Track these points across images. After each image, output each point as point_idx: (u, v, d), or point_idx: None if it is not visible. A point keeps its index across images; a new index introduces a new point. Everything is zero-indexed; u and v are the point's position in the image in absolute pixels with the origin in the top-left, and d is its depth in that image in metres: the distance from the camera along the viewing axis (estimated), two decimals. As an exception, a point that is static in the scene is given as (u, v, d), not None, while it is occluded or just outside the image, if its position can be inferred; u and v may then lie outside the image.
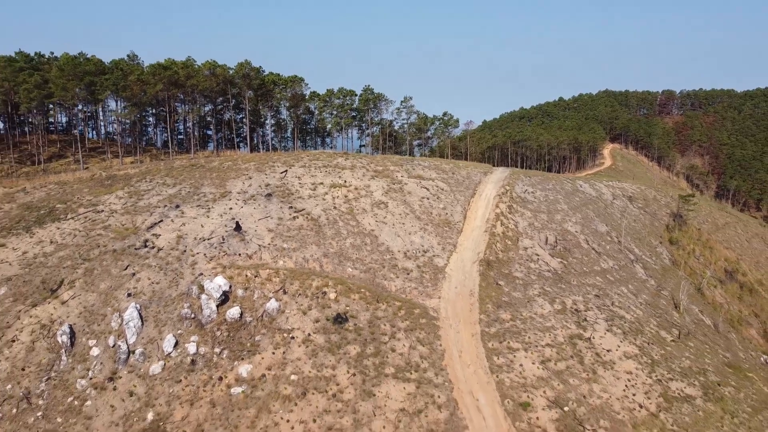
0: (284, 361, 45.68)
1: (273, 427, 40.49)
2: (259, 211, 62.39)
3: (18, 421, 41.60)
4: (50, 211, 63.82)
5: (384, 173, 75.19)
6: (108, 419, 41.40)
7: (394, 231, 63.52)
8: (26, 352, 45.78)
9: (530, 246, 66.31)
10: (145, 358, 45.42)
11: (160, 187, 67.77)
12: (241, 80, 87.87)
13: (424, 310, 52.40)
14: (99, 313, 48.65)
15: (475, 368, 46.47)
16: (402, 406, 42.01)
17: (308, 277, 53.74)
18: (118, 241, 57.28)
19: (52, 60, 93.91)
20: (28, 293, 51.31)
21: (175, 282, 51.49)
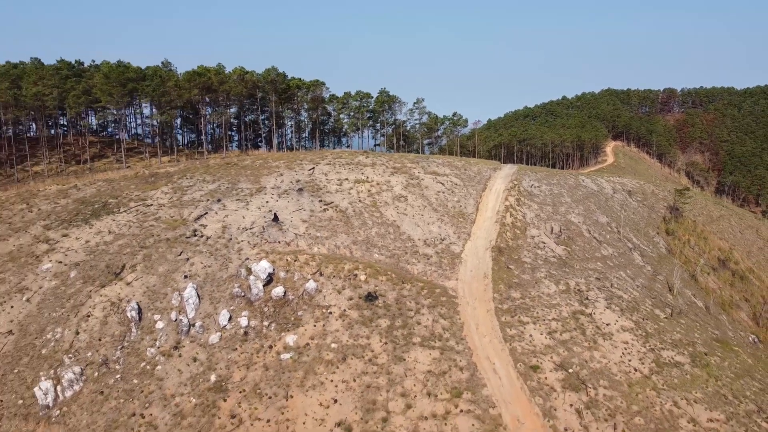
0: (324, 332, 52.51)
1: (319, 385, 47.34)
2: (293, 204, 69.22)
3: (100, 382, 48.56)
4: (104, 206, 70.80)
5: (402, 170, 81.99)
6: (177, 380, 48.31)
7: (414, 221, 70.28)
8: (101, 325, 52.76)
9: (537, 235, 72.96)
10: (204, 330, 52.33)
11: (200, 184, 74.67)
12: (268, 85, 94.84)
13: (444, 290, 59.17)
14: (160, 293, 55.58)
15: (491, 338, 53.22)
16: (429, 369, 48.76)
17: (340, 262, 60.55)
18: (169, 230, 64.21)
19: (92, 68, 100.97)
20: (95, 276, 58.32)
21: (224, 266, 58.39)
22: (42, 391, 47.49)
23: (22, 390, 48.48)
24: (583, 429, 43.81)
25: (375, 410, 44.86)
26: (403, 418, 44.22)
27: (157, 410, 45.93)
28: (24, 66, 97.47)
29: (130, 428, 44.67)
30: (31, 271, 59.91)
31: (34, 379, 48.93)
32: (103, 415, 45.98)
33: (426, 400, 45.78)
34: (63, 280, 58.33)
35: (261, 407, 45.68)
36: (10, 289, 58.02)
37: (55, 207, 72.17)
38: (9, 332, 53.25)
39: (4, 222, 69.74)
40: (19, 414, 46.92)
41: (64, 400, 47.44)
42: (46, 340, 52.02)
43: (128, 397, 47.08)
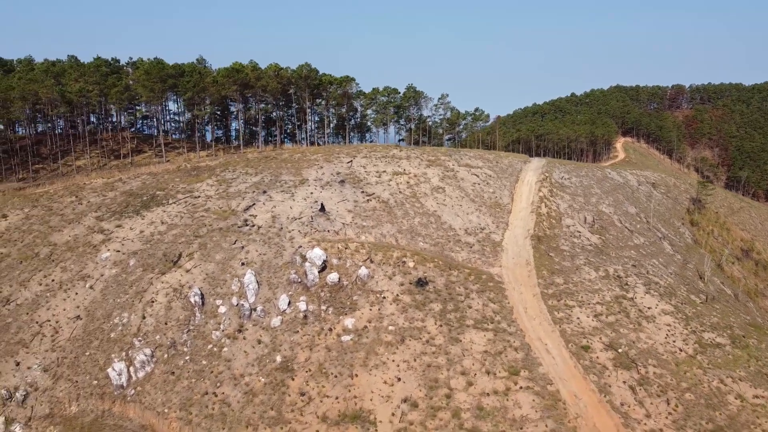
0: (380, 315, 54.62)
1: (382, 365, 49.45)
2: (337, 195, 71.31)
3: (170, 363, 50.71)
4: (152, 198, 72.93)
5: (437, 162, 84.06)
6: (244, 361, 50.45)
7: (454, 212, 72.36)
8: (165, 310, 54.91)
9: (572, 224, 75.03)
10: (265, 314, 54.45)
11: (243, 176, 76.78)
12: (301, 81, 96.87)
13: (490, 276, 61.26)
14: (220, 279, 57.71)
15: (540, 320, 55.30)
16: (485, 349, 50.86)
17: (389, 249, 62.65)
18: (220, 221, 66.33)
19: (129, 65, 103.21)
20: (153, 264, 60.47)
21: (279, 253, 60.50)
22: (116, 371, 49.65)
23: (95, 371, 50.66)
24: (638, 404, 45.86)
25: (438, 387, 46.96)
26: (465, 394, 46.30)
27: (229, 389, 48.06)
28: (62, 63, 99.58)
29: (204, 405, 46.81)
30: (90, 260, 62.09)
31: (106, 361, 51.10)
32: (176, 393, 48.12)
33: (486, 378, 47.86)
34: (123, 268, 60.48)
35: (328, 385, 47.79)
36: (73, 277, 60.21)
37: (104, 199, 74.33)
38: (77, 317, 55.45)
39: (56, 214, 71.95)
40: (95, 393, 49.10)
41: (137, 380, 49.60)
42: (113, 325, 54.19)
43: (199, 377, 49.21)
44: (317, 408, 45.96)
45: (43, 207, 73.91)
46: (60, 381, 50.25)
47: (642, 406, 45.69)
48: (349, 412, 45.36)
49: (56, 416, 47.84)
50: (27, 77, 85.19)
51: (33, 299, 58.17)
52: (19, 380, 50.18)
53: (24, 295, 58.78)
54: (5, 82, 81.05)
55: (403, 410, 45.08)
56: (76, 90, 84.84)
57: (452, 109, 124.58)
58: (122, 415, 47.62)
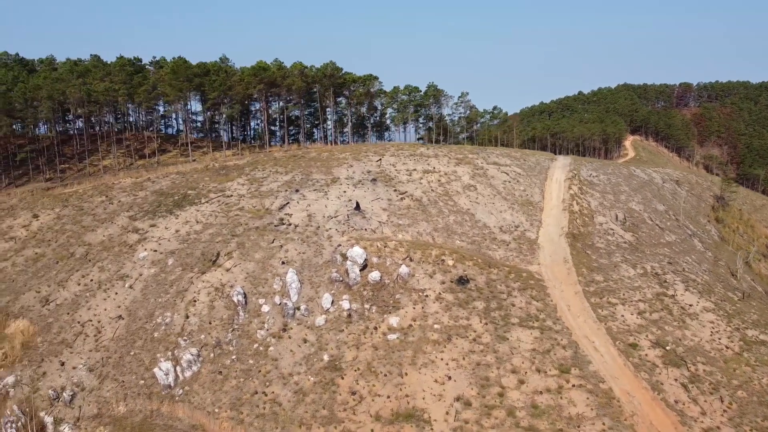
0: (425, 314, 54.33)
1: (431, 363, 49.16)
2: (370, 194, 71.01)
3: (217, 363, 50.44)
4: (184, 197, 72.64)
5: (465, 160, 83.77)
6: (292, 360, 50.17)
7: (487, 209, 72.08)
8: (208, 309, 54.64)
9: (604, 222, 74.75)
10: (309, 313, 54.16)
11: (274, 175, 76.49)
12: (326, 79, 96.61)
13: (530, 274, 60.96)
14: (261, 278, 57.42)
15: (584, 318, 55.02)
16: (533, 347, 50.57)
17: (427, 248, 62.35)
18: (256, 220, 66.04)
19: (153, 64, 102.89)
20: (192, 263, 60.19)
21: (318, 252, 60.21)
22: (162, 371, 49.36)
23: (141, 371, 50.38)
24: (692, 401, 45.59)
25: (489, 386, 46.68)
26: (518, 392, 46.02)
27: (278, 388, 47.78)
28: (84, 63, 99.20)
29: (255, 405, 46.53)
30: (128, 260, 61.84)
31: (151, 361, 50.80)
32: (225, 393, 47.84)
33: (536, 376, 47.58)
34: (162, 267, 60.21)
35: (378, 384, 47.51)
36: (111, 277, 59.97)
37: (135, 199, 74.07)
38: (119, 317, 55.18)
39: (87, 213, 71.74)
40: (142, 393, 48.81)
41: (185, 380, 49.33)
42: (156, 324, 53.91)
43: (247, 377, 48.93)
44: (369, 407, 45.65)
45: (74, 207, 73.68)
46: (106, 381, 49.98)
47: (696, 403, 45.42)
48: (402, 411, 45.08)
49: (105, 416, 47.54)
50: (52, 77, 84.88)
51: (72, 299, 57.94)
52: (65, 380, 49.91)
53: (63, 295, 58.55)
54: (32, 81, 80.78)
55: (456, 409, 44.80)
56: (103, 89, 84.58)
57: (472, 107, 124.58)
58: (171, 414, 47.31)
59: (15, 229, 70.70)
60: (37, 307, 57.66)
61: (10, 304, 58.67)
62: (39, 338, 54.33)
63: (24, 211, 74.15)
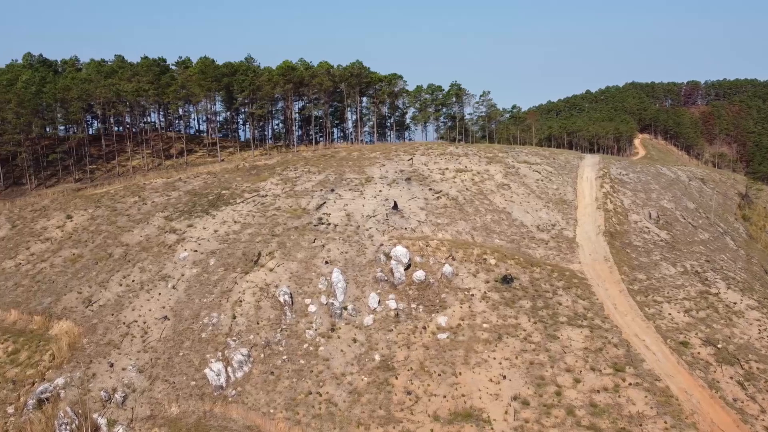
0: (472, 313, 54.12)
1: (483, 363, 48.96)
2: (406, 193, 70.80)
3: (268, 363, 50.19)
4: (218, 197, 72.42)
5: (496, 159, 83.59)
6: (343, 360, 49.93)
7: (523, 208, 71.89)
8: (255, 309, 54.41)
9: (638, 220, 74.57)
10: (356, 313, 53.93)
11: (307, 175, 76.27)
12: (353, 79, 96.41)
13: (572, 273, 60.76)
14: (305, 278, 57.20)
15: (632, 317, 54.82)
16: (584, 346, 50.36)
17: (468, 247, 62.15)
18: (294, 219, 65.83)
19: (178, 64, 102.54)
20: (234, 263, 59.96)
21: (361, 251, 59.99)
22: (214, 372, 49.11)
23: (191, 372, 50.11)
24: (750, 399, 45.39)
25: (545, 385, 46.47)
26: (575, 392, 45.81)
27: (332, 388, 47.54)
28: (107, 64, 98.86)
29: (310, 405, 46.29)
30: (168, 260, 61.61)
31: (201, 362, 50.54)
32: (279, 394, 47.59)
33: (591, 374, 47.37)
34: (204, 267, 59.99)
35: (433, 384, 47.28)
36: (153, 277, 59.73)
37: (168, 199, 73.85)
38: (164, 318, 54.92)
39: (121, 214, 71.53)
40: (194, 394, 48.53)
41: (236, 381, 49.06)
42: (203, 325, 53.67)
43: (299, 377, 48.69)
44: (427, 407, 45.43)
45: (107, 207, 73.47)
46: (156, 382, 49.71)
47: (755, 401, 45.22)
48: (460, 411, 44.85)
49: (158, 418, 47.27)
50: (80, 77, 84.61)
51: (116, 300, 57.71)
52: (116, 381, 49.64)
53: (105, 296, 58.34)
54: (62, 81, 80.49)
55: (515, 408, 44.59)
56: (132, 90, 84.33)
57: (493, 106, 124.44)
58: (225, 415, 47.05)
59: (49, 230, 70.51)
60: (80, 308, 57.42)
61: (52, 305, 58.49)
62: (85, 339, 54.07)
63: (57, 212, 73.93)
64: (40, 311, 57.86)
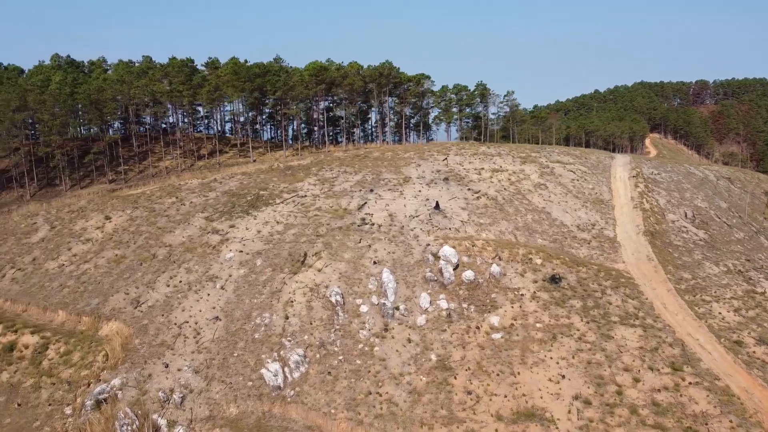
0: (524, 313, 54.19)
1: (541, 362, 49.02)
2: (445, 193, 70.85)
3: (324, 363, 50.23)
4: (257, 197, 72.46)
5: (529, 159, 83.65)
6: (399, 360, 49.99)
7: (561, 208, 71.95)
8: (307, 310, 54.45)
9: (675, 219, 74.64)
10: (408, 313, 54.00)
11: (344, 175, 76.30)
12: (383, 79, 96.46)
13: (619, 272, 60.82)
14: (354, 278, 57.25)
15: (683, 316, 54.88)
16: (639, 345, 50.41)
17: (513, 246, 62.21)
18: (337, 219, 65.87)
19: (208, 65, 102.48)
20: (281, 264, 60.01)
21: (408, 251, 60.05)
22: (271, 372, 49.16)
23: (247, 372, 50.15)
24: (811, 398, 45.39)
25: (605, 384, 46.54)
26: (636, 391, 45.87)
27: (391, 388, 47.60)
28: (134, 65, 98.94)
29: (371, 405, 46.34)
30: (214, 261, 61.66)
31: (257, 362, 50.58)
32: (338, 394, 47.63)
33: (650, 374, 47.42)
34: (251, 268, 60.03)
35: (493, 384, 47.35)
36: (200, 278, 59.79)
37: (206, 200, 73.90)
38: (215, 318, 54.96)
39: (160, 215, 71.59)
40: (252, 395, 48.56)
41: (294, 381, 49.12)
42: (255, 325, 53.71)
43: (357, 377, 48.74)
44: (489, 406, 45.50)
45: (145, 208, 73.53)
46: (213, 382, 49.74)
47: (816, 400, 45.25)
48: (522, 410, 44.93)
49: (217, 418, 47.30)
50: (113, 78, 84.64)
51: (164, 300, 57.75)
52: (172, 382, 49.68)
53: (153, 297, 58.39)
54: (96, 83, 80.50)
55: (577, 407, 44.65)
56: (167, 91, 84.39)
57: (516, 106, 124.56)
58: (284, 416, 47.09)
59: (89, 231, 70.56)
60: (129, 309, 57.46)
61: (100, 306, 58.53)
62: (137, 340, 54.11)
63: (95, 212, 73.97)
64: (88, 312, 57.90)
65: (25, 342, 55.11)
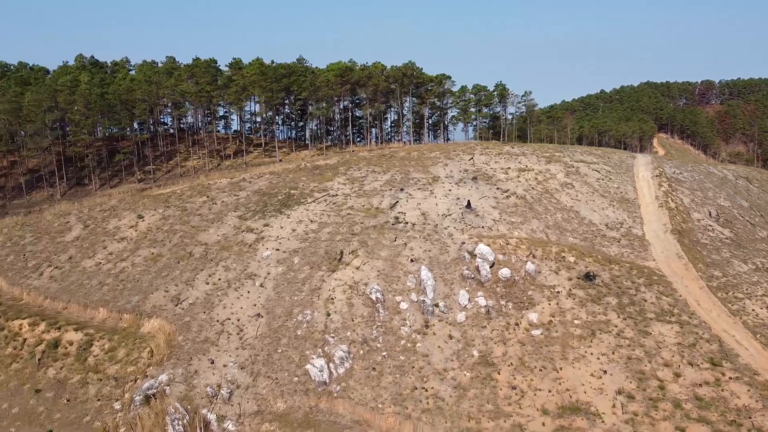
0: (561, 309, 55.09)
1: (582, 358, 49.92)
2: (475, 192, 71.76)
3: (368, 359, 51.12)
4: (288, 197, 73.34)
5: (553, 159, 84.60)
6: (442, 356, 50.88)
7: (589, 207, 72.87)
8: (348, 307, 55.33)
9: (701, 218, 75.59)
10: (448, 310, 54.89)
11: (372, 175, 77.19)
12: (406, 79, 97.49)
13: (651, 270, 61.73)
14: (392, 276, 58.13)
15: (717, 313, 55.79)
16: (677, 341, 51.33)
17: (546, 245, 63.10)
18: (370, 218, 66.75)
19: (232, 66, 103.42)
20: (318, 262, 60.88)
21: (444, 249, 60.95)
22: (316, 368, 50.03)
23: (292, 368, 51.00)
24: None
25: (647, 379, 47.43)
26: (677, 386, 46.76)
27: (436, 383, 48.48)
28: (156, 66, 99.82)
29: (417, 400, 47.22)
30: (251, 259, 62.51)
31: (301, 358, 51.43)
32: (384, 389, 48.50)
33: (690, 369, 48.33)
34: (289, 266, 60.89)
35: (536, 379, 48.24)
36: (239, 276, 60.64)
37: (237, 199, 74.75)
38: (257, 315, 55.80)
39: (193, 214, 72.46)
40: (298, 390, 49.40)
41: (339, 376, 49.98)
42: (297, 322, 54.56)
43: (401, 373, 49.61)
44: (533, 401, 46.39)
45: (177, 207, 74.36)
46: (259, 378, 50.57)
47: None
48: (567, 405, 45.81)
49: (265, 413, 48.12)
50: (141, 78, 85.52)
51: (205, 298, 58.58)
52: (219, 378, 50.52)
53: (194, 294, 59.22)
54: (124, 83, 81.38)
55: (621, 402, 45.54)
56: (195, 91, 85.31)
57: (534, 106, 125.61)
58: (331, 410, 47.92)
59: (122, 229, 71.39)
60: (170, 306, 58.28)
61: (140, 304, 59.34)
62: (180, 337, 54.93)
63: (126, 211, 74.81)
64: (128, 309, 58.69)
65: (69, 339, 55.92)
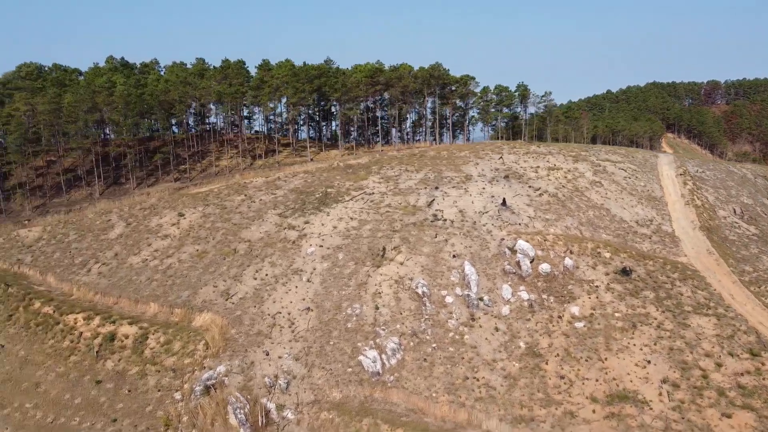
0: (601, 303, 57.01)
1: (625, 349, 51.85)
2: (508, 190, 73.68)
3: (418, 351, 53.02)
4: (326, 195, 75.23)
5: (580, 158, 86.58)
6: (490, 348, 52.81)
7: (619, 204, 74.82)
8: (395, 301, 57.23)
9: (726, 215, 77.54)
10: (492, 304, 56.81)
11: (406, 173, 79.10)
12: (433, 80, 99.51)
13: (684, 265, 63.66)
14: (436, 271, 60.05)
15: (752, 306, 57.70)
16: (716, 333, 53.25)
17: (582, 241, 65.04)
18: (409, 216, 68.65)
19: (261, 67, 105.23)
20: (362, 258, 62.78)
21: (484, 246, 62.87)
22: (369, 359, 51.91)
23: (345, 359, 52.89)
24: None
25: (690, 369, 49.35)
26: (720, 375, 48.69)
27: (487, 373, 50.39)
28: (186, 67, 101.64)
29: (470, 389, 49.12)
30: (296, 255, 64.41)
31: (353, 350, 53.32)
32: (437, 379, 50.40)
33: (731, 359, 50.25)
34: (333, 262, 62.78)
35: (583, 369, 50.16)
36: (285, 271, 62.54)
37: (275, 197, 76.67)
38: (307, 309, 57.70)
39: (233, 212, 74.35)
40: (353, 380, 51.28)
41: (391, 367, 51.88)
42: (347, 315, 56.46)
43: (452, 363, 51.52)
44: (582, 390, 48.30)
45: (216, 206, 76.25)
46: (314, 369, 52.44)
47: None
48: (615, 393, 47.72)
49: (322, 402, 49.98)
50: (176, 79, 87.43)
51: (254, 292, 60.47)
52: (275, 369, 52.39)
53: (243, 289, 61.11)
54: (161, 84, 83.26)
55: (667, 390, 47.46)
56: (231, 92, 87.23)
57: (553, 106, 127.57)
58: (386, 399, 49.77)
59: (165, 227, 73.27)
60: (220, 301, 60.15)
61: (191, 298, 61.22)
62: (233, 330, 56.79)
63: (167, 210, 76.70)
64: (179, 304, 60.54)
65: (124, 332, 57.79)
